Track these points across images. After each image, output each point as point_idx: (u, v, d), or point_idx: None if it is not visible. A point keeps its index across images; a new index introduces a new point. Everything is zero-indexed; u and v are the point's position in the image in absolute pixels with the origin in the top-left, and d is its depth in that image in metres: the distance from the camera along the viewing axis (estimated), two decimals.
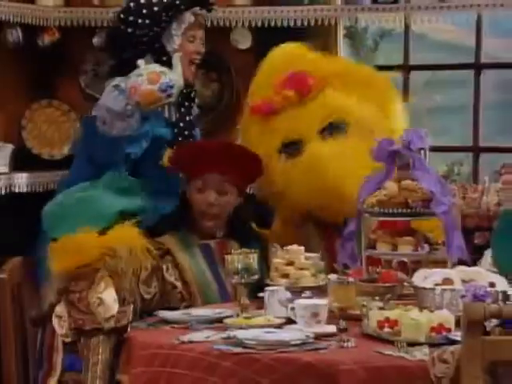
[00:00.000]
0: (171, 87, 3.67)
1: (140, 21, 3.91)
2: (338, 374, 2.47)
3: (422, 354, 2.52)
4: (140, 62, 3.72)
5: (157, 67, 3.75)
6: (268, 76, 4.00)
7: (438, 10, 4.66)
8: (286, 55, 4.09)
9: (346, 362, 2.52)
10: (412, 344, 2.59)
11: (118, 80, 3.80)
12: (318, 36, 4.77)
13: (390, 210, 3.23)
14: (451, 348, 2.30)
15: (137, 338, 2.91)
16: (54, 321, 3.11)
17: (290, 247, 3.36)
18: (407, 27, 4.96)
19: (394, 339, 2.64)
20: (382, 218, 3.28)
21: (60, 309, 3.10)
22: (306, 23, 4.71)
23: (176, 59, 3.78)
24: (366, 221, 3.31)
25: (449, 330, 2.62)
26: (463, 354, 2.20)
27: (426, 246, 3.19)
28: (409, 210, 3.22)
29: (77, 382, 3.19)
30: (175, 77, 3.71)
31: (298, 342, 2.65)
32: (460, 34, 5.39)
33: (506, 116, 7.68)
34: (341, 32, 4.87)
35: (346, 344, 2.68)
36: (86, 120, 4.08)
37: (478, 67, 4.84)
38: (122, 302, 3.11)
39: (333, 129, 3.76)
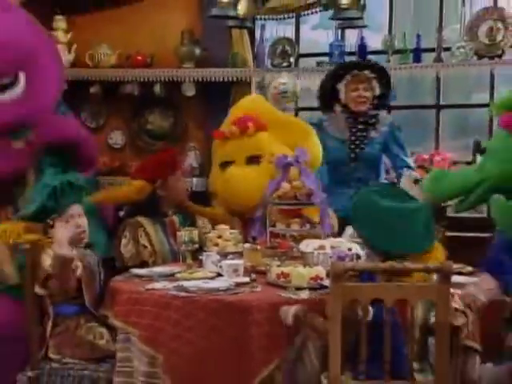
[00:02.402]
0: None
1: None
2: (251, 308, 2.49)
3: (305, 295, 2.56)
4: None
5: None
6: (231, 115, 3.99)
7: (317, 72, 4.67)
8: (245, 102, 4.08)
9: (255, 301, 2.55)
10: (298, 288, 2.62)
11: None
12: (240, 87, 4.75)
13: (285, 201, 3.24)
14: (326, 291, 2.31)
15: (117, 286, 2.88)
16: None
17: (219, 226, 3.36)
18: (296, 83, 4.84)
19: (286, 285, 2.67)
20: (280, 207, 3.26)
21: None
22: (231, 79, 4.70)
23: None
24: (270, 208, 3.28)
25: (322, 279, 2.65)
26: (331, 294, 2.21)
27: (308, 225, 3.20)
28: (297, 201, 3.22)
29: None
30: None
31: (224, 288, 2.66)
32: None
33: None
34: (253, 85, 4.80)
35: (255, 289, 2.71)
36: None
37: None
38: None
39: (252, 159, 3.74)
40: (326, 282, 2.52)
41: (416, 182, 3.79)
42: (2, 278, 3.23)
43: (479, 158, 3.43)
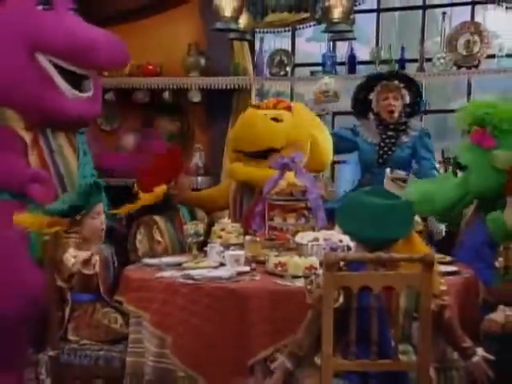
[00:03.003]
0: None
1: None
2: (250, 295, 2.50)
3: (300, 282, 2.54)
4: None
5: None
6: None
7: (309, 80, 4.70)
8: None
9: (254, 288, 2.56)
10: (294, 277, 2.62)
11: None
12: (241, 94, 4.74)
13: (282, 198, 3.23)
14: (319, 278, 2.27)
15: (129, 275, 2.88)
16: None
17: (222, 220, 3.37)
18: (292, 89, 4.99)
19: (283, 274, 2.67)
20: (278, 202, 3.24)
21: None
22: (232, 87, 4.69)
23: None
24: (269, 204, 3.26)
25: (316, 269, 2.63)
26: (324, 282, 2.21)
27: (303, 219, 3.20)
28: (293, 197, 3.22)
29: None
30: None
31: (227, 276, 2.66)
32: None
33: None
34: (253, 92, 4.79)
35: (255, 277, 2.71)
36: None
37: None
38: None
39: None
40: (320, 272, 2.46)
41: (399, 180, 3.80)
42: None
43: (459, 174, 3.34)
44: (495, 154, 3.13)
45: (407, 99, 4.03)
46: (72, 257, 2.92)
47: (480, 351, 2.32)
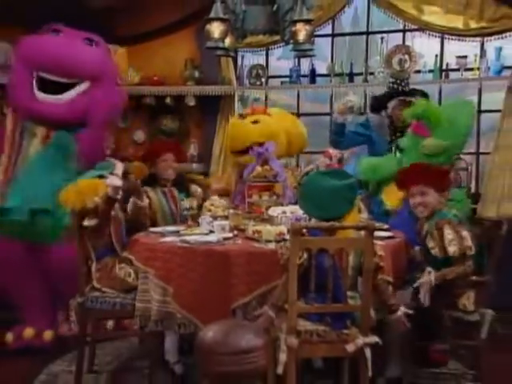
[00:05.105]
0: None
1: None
2: (233, 254, 2.46)
3: (272, 245, 2.53)
4: None
5: None
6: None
7: (286, 89, 4.64)
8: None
9: (236, 249, 2.52)
10: (268, 241, 2.59)
11: None
12: (226, 100, 4.70)
13: (259, 180, 3.17)
14: (287, 243, 2.25)
15: (138, 239, 2.82)
16: None
17: (212, 197, 3.32)
18: (266, 96, 4.91)
19: (259, 239, 2.63)
20: (255, 184, 3.17)
21: None
22: (220, 94, 4.64)
23: None
24: (248, 185, 3.18)
25: (284, 234, 2.58)
26: (290, 245, 2.18)
27: (275, 196, 3.15)
28: (267, 180, 3.17)
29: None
30: None
31: (215, 241, 2.63)
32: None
33: None
34: (236, 98, 4.75)
35: (237, 242, 2.68)
36: None
37: None
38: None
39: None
40: (287, 237, 2.49)
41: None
42: None
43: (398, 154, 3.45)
44: (424, 143, 3.20)
45: None
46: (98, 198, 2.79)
47: (402, 308, 2.28)
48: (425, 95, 3.75)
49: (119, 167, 3.00)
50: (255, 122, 3.67)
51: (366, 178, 3.47)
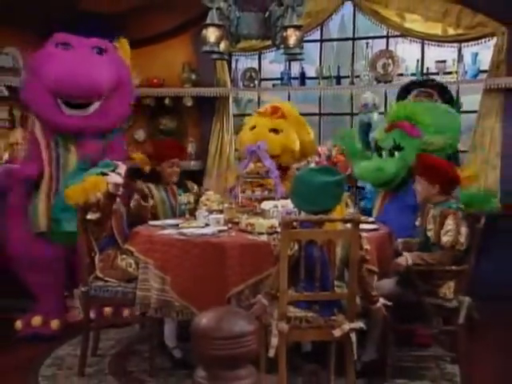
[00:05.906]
0: None
1: None
2: (228, 246, 2.44)
3: (264, 237, 2.50)
4: None
5: None
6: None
7: (278, 91, 4.58)
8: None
9: (231, 241, 2.50)
10: (260, 233, 2.57)
11: None
12: (221, 101, 4.65)
13: (252, 176, 3.15)
14: (279, 235, 2.22)
15: (139, 231, 2.79)
16: None
17: (208, 192, 3.28)
18: (259, 97, 4.86)
19: (252, 231, 2.61)
20: (249, 179, 3.16)
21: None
22: (215, 95, 4.60)
23: None
24: (241, 181, 3.16)
25: (275, 227, 2.57)
26: (281, 237, 2.15)
27: (267, 191, 3.12)
28: (259, 176, 3.14)
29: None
30: None
31: (211, 233, 2.60)
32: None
33: None
34: (231, 99, 4.70)
35: (231, 234, 2.65)
36: None
37: None
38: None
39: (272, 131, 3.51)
40: (278, 229, 2.44)
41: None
42: None
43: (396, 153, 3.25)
44: (427, 140, 3.10)
45: (439, 103, 3.52)
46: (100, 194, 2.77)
47: (382, 300, 2.26)
48: (443, 88, 3.59)
49: (122, 167, 2.97)
50: (275, 130, 3.50)
51: (374, 181, 3.29)
